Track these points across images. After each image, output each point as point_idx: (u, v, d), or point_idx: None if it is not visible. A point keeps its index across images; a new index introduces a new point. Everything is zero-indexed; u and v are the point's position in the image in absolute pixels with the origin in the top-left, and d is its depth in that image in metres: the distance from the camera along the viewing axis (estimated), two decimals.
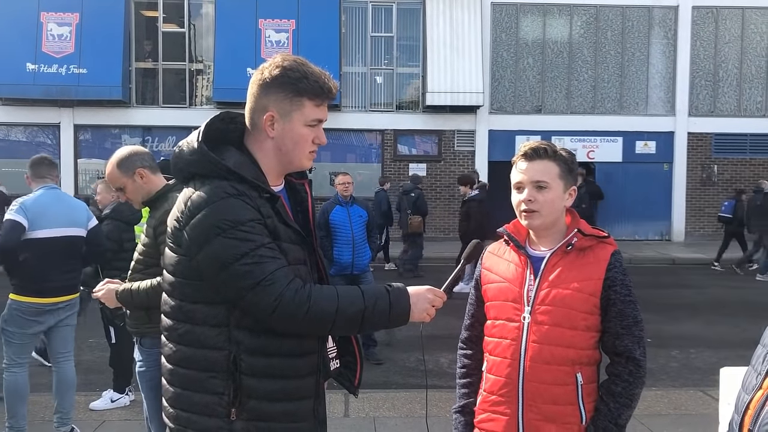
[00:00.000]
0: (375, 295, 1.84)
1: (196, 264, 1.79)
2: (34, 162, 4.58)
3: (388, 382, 6.16)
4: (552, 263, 2.12)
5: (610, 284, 2.06)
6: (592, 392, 2.09)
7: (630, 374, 2.07)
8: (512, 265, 2.18)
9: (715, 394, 5.35)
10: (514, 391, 2.10)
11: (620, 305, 2.06)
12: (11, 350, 4.39)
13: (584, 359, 2.09)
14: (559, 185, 2.13)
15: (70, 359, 4.62)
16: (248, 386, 1.80)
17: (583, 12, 17.76)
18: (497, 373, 2.15)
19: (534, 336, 2.08)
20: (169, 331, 1.87)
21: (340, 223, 6.79)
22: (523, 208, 2.14)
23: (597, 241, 2.13)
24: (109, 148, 17.28)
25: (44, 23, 16.29)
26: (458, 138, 17.51)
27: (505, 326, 2.14)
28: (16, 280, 4.37)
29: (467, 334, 2.34)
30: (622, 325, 2.06)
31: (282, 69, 1.85)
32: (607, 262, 2.09)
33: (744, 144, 18.05)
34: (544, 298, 2.09)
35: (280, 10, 16.68)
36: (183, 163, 1.88)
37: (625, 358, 2.07)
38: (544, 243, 2.17)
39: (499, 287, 2.19)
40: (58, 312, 4.47)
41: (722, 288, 11.63)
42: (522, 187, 2.14)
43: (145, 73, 17.64)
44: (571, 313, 2.06)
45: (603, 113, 17.77)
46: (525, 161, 2.14)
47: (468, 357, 2.33)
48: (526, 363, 2.08)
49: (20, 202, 4.33)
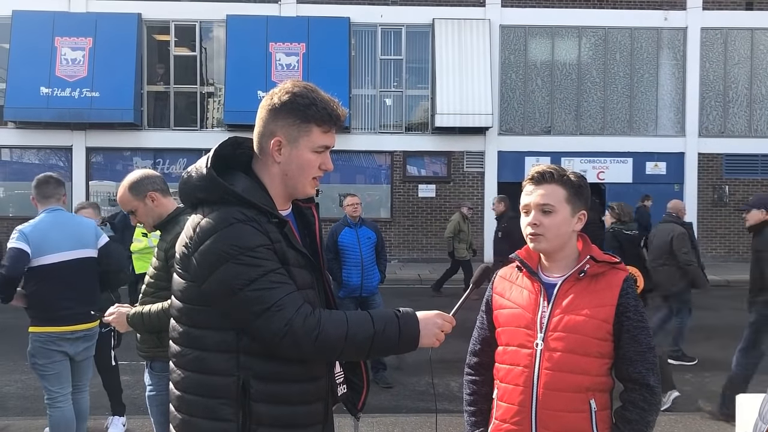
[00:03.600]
0: (384, 320, 1.83)
1: (205, 290, 1.78)
2: (39, 182, 4.29)
3: (398, 406, 6.10)
4: (564, 289, 2.11)
5: (623, 310, 2.06)
6: (605, 419, 2.07)
7: (644, 401, 2.05)
8: (525, 291, 2.17)
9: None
10: (527, 419, 2.08)
11: (634, 331, 2.05)
12: (48, 383, 4.19)
13: (597, 386, 2.07)
14: (566, 209, 2.12)
15: (85, 390, 4.50)
16: (258, 413, 1.78)
17: (592, 34, 17.83)
18: (509, 401, 2.13)
19: (547, 363, 2.06)
20: (177, 357, 1.87)
21: (349, 244, 6.77)
22: (528, 232, 2.14)
23: (609, 267, 2.13)
24: (120, 170, 17.42)
25: (58, 48, 16.53)
26: (467, 159, 17.53)
27: (518, 353, 2.12)
28: (31, 311, 4.20)
29: (476, 360, 2.31)
30: (636, 351, 2.05)
31: (291, 95, 1.86)
32: (619, 288, 2.08)
33: (755, 164, 17.96)
34: (557, 325, 2.08)
35: (290, 34, 16.86)
36: (191, 189, 1.88)
37: (639, 384, 2.06)
38: (556, 269, 2.17)
39: (511, 313, 2.17)
40: (76, 342, 4.26)
41: (736, 311, 11.46)
42: (529, 210, 2.15)
43: (157, 96, 17.83)
44: (585, 339, 2.05)
45: (613, 134, 17.76)
46: (532, 185, 2.15)
47: (477, 384, 2.30)
48: (539, 390, 2.06)
49: (20, 230, 4.10)
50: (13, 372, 6.89)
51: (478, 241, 17.38)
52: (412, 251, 17.26)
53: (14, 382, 6.65)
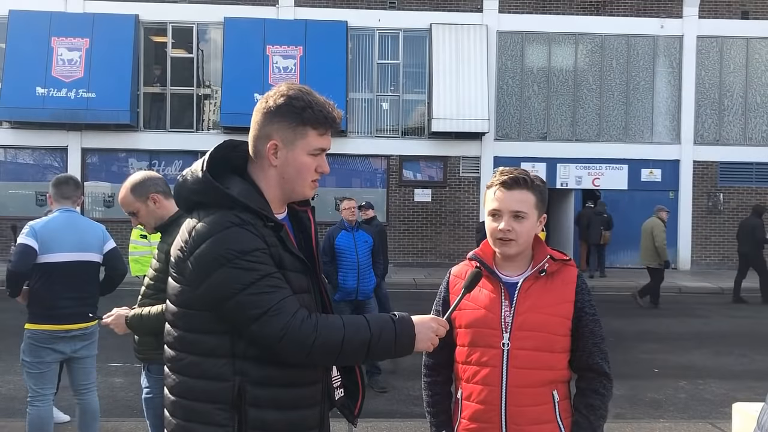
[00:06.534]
0: (380, 324, 1.83)
1: (201, 294, 1.78)
2: (60, 181, 4.36)
3: (392, 411, 6.08)
4: (525, 288, 2.16)
5: (581, 305, 2.16)
6: (567, 407, 2.18)
7: (604, 388, 2.19)
8: (484, 291, 2.19)
9: (724, 426, 5.27)
10: (497, 417, 2.13)
11: (591, 325, 2.17)
12: (31, 381, 4.23)
13: (560, 378, 2.18)
14: (534, 214, 2.19)
15: (93, 390, 4.50)
16: (253, 418, 1.77)
17: (588, 41, 17.89)
18: (478, 400, 2.16)
19: (514, 361, 2.12)
20: (172, 361, 1.86)
21: (345, 248, 6.77)
22: (499, 236, 2.16)
23: (562, 264, 2.21)
24: (116, 171, 17.38)
25: (55, 48, 16.49)
26: (463, 164, 17.55)
27: (485, 352, 2.15)
28: (30, 308, 4.26)
29: (433, 361, 2.32)
30: (593, 343, 2.17)
31: (287, 98, 1.86)
32: (575, 284, 2.18)
33: (750, 172, 18.03)
34: (521, 324, 2.13)
35: (287, 37, 16.86)
36: (187, 192, 1.88)
37: (598, 373, 2.18)
38: (512, 268, 2.21)
39: (474, 313, 2.18)
40: (72, 341, 4.28)
41: (729, 318, 11.51)
42: (499, 215, 2.17)
43: (153, 97, 17.80)
44: (549, 336, 2.13)
45: (608, 141, 17.80)
46: (503, 189, 2.17)
47: (437, 384, 2.32)
48: (508, 389, 2.12)
49: (31, 225, 4.21)
50: (6, 373, 6.86)
51: (473, 245, 17.40)
52: (407, 255, 17.25)
53: (6, 383, 6.61)
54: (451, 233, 17.42)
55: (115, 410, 5.82)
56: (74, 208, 4.39)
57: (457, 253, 17.31)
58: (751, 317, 11.54)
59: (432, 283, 12.98)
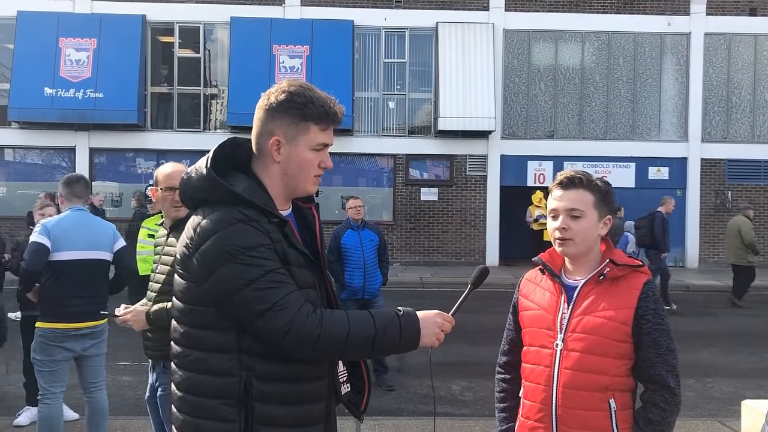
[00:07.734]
0: (385, 319, 1.84)
1: (206, 290, 1.78)
2: (70, 180, 4.43)
3: (399, 409, 6.08)
4: (584, 291, 2.16)
5: (642, 313, 2.10)
6: (626, 418, 2.12)
7: (665, 402, 2.11)
8: (547, 293, 2.23)
9: (733, 424, 5.25)
10: (549, 417, 2.15)
11: (654, 334, 2.10)
12: (42, 379, 4.30)
13: (617, 386, 2.12)
14: (594, 214, 2.17)
15: (102, 388, 4.54)
16: (260, 413, 1.78)
17: (595, 38, 17.84)
18: (532, 399, 2.20)
19: (566, 362, 2.12)
20: (178, 357, 1.86)
21: (351, 247, 6.78)
22: (557, 236, 2.18)
23: (630, 270, 2.16)
24: (123, 171, 17.47)
25: (63, 48, 16.57)
26: (470, 163, 17.53)
27: (539, 353, 2.19)
28: (42, 306, 4.32)
29: (505, 359, 2.39)
30: (656, 354, 2.10)
31: (288, 94, 1.87)
32: (639, 291, 2.12)
33: (758, 170, 17.93)
34: (576, 326, 2.13)
35: (294, 36, 16.88)
36: (191, 190, 1.89)
37: (660, 386, 2.11)
38: (580, 272, 2.21)
39: (534, 314, 2.24)
40: (82, 339, 4.33)
41: (737, 316, 11.46)
42: (557, 215, 2.19)
43: (161, 97, 17.86)
44: (603, 340, 2.10)
45: (615, 139, 17.75)
46: (560, 189, 2.19)
47: (506, 381, 2.38)
48: (559, 389, 2.12)
49: (43, 224, 4.27)
50: (15, 372, 6.89)
51: (479, 244, 17.39)
52: (414, 254, 17.26)
53: (17, 381, 6.64)
54: (457, 232, 17.40)
55: (124, 408, 5.86)
56: (84, 207, 4.45)
57: (463, 251, 17.32)
58: (760, 315, 11.47)
59: (438, 281, 12.96)
